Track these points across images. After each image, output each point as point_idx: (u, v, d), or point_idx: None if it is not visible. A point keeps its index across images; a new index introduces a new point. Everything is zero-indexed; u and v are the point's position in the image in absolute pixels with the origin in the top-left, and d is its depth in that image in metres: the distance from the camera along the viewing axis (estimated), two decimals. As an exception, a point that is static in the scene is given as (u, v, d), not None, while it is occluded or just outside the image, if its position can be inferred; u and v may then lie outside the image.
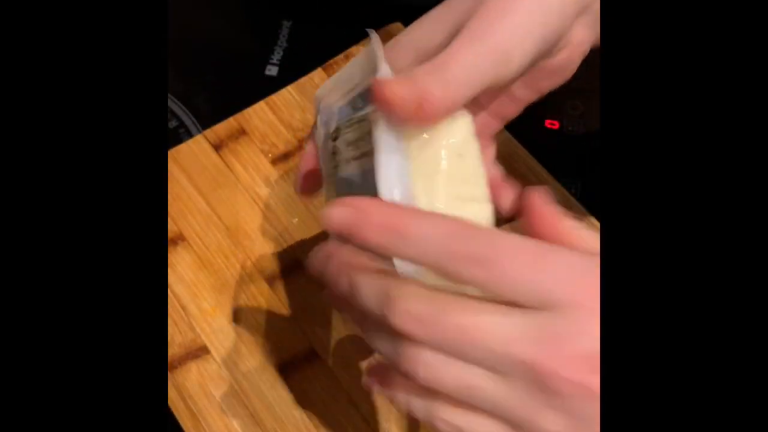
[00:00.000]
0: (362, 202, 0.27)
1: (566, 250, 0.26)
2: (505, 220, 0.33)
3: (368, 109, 0.31)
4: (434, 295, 0.26)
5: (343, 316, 0.35)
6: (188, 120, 0.56)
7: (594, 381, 0.24)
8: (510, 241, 0.25)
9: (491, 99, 0.35)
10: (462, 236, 0.25)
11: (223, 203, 0.50)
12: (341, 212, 0.27)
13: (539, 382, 0.24)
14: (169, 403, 0.43)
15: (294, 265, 0.48)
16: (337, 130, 0.33)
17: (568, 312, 0.24)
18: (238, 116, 0.54)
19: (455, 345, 0.25)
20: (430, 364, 0.25)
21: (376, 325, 0.27)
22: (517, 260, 0.25)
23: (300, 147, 0.53)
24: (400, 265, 0.27)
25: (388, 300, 0.26)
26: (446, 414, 0.27)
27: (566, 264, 0.25)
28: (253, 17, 0.62)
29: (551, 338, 0.24)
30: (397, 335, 0.26)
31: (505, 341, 0.24)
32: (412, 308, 0.25)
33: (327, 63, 0.56)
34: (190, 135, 0.55)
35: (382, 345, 0.27)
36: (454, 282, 0.26)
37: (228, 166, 0.52)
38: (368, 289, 0.27)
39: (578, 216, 0.50)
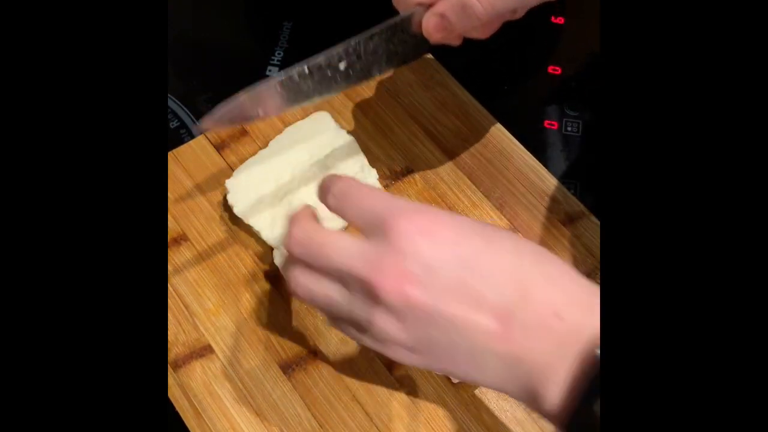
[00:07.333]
0: None
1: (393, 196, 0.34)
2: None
3: None
4: (313, 226, 0.35)
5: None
6: (189, 120, 0.56)
7: (410, 290, 0.31)
8: (358, 184, 0.35)
9: None
10: (330, 180, 0.35)
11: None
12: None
13: (369, 291, 0.31)
14: (174, 402, 0.43)
15: (296, 264, 0.48)
16: None
17: (392, 236, 0.31)
18: (240, 116, 0.54)
19: (316, 259, 0.33)
20: (302, 280, 0.34)
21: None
22: (360, 193, 0.34)
23: (301, 147, 0.53)
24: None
25: (288, 233, 0.35)
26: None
27: (390, 197, 0.34)
28: (253, 18, 0.62)
29: (377, 257, 0.31)
30: (289, 258, 0.35)
31: (349, 258, 0.32)
32: (295, 233, 0.34)
33: (327, 63, 0.56)
34: (191, 135, 0.55)
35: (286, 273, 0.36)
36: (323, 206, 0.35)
37: (230, 166, 0.52)
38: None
39: (578, 216, 0.50)
